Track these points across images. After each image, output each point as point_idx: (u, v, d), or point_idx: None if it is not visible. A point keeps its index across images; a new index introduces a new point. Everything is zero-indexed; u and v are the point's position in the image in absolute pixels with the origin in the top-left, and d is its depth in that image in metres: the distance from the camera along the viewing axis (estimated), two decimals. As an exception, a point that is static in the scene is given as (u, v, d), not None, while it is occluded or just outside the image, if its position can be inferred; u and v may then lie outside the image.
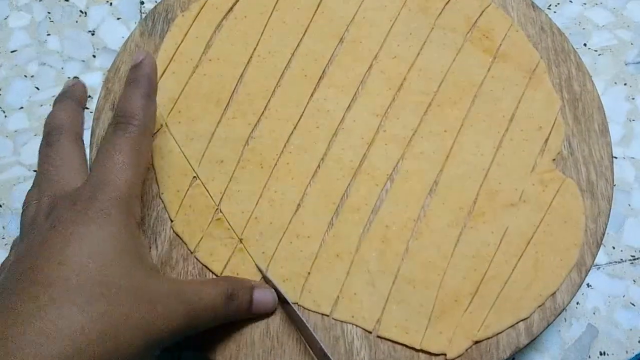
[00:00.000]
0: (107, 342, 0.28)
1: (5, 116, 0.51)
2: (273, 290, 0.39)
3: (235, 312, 0.37)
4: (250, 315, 0.39)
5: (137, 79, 0.38)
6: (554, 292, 0.41)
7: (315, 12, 0.47)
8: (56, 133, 0.36)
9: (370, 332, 0.40)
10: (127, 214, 0.33)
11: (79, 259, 0.30)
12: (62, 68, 0.53)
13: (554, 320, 0.40)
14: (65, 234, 0.31)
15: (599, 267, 0.48)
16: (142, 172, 0.36)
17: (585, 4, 0.56)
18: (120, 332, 0.29)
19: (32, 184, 0.36)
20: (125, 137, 0.35)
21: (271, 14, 0.47)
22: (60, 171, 0.35)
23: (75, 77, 0.40)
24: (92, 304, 0.29)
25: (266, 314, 0.39)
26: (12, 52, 0.53)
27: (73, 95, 0.39)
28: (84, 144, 0.38)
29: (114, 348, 0.28)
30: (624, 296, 0.47)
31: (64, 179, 0.35)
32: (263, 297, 0.38)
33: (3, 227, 0.48)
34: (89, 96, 0.52)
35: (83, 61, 0.53)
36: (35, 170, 0.49)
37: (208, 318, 0.35)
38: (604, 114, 0.46)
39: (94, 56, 0.53)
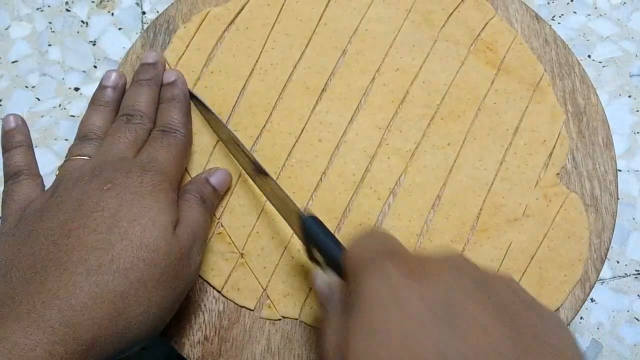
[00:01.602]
0: (142, 304, 0.32)
1: (6, 127, 0.51)
2: (223, 169, 0.42)
3: (212, 207, 0.41)
4: (219, 197, 0.42)
5: (176, 97, 0.42)
6: (558, 308, 0.40)
7: (318, 24, 0.47)
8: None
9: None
10: (172, 191, 0.37)
11: (127, 226, 0.33)
12: (63, 79, 0.53)
13: (558, 336, 0.40)
14: (119, 199, 0.34)
15: (603, 282, 0.48)
16: (182, 170, 0.40)
17: (589, 15, 0.56)
18: (153, 293, 0.33)
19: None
20: (170, 140, 0.39)
21: (273, 25, 0.47)
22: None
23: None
24: (133, 271, 0.32)
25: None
26: (13, 62, 0.53)
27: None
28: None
29: (146, 308, 0.32)
30: (628, 311, 0.47)
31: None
32: (219, 178, 0.41)
33: (3, 239, 0.47)
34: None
35: (84, 72, 0.53)
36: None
37: (208, 229, 0.39)
38: (609, 127, 0.45)
39: (95, 67, 0.53)
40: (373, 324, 0.26)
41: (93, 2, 0.55)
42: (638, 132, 0.52)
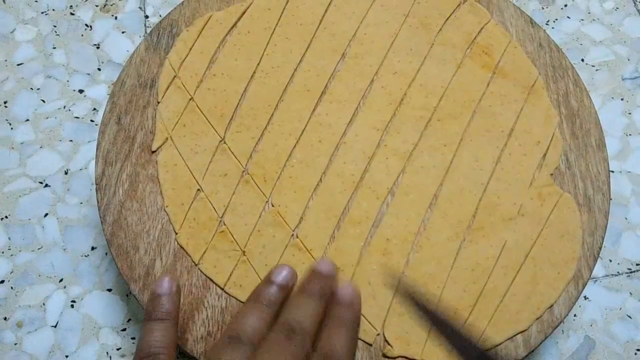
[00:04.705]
0: None
1: (12, 128, 0.52)
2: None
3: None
4: None
5: (347, 322, 0.37)
6: (552, 305, 0.41)
7: (318, 28, 0.48)
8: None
9: (371, 345, 0.41)
10: None
11: None
12: (68, 81, 0.54)
13: (551, 332, 0.41)
14: None
15: (596, 280, 0.49)
16: None
17: (582, 19, 0.57)
18: None
19: None
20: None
21: (274, 29, 0.48)
22: None
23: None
24: None
25: None
26: (18, 65, 0.54)
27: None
28: None
29: None
30: (620, 308, 0.48)
31: None
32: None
33: (9, 239, 0.48)
34: (94, 109, 0.53)
35: (88, 74, 0.54)
36: (40, 182, 0.50)
37: None
38: (601, 129, 0.46)
39: (99, 69, 0.54)
40: None
41: (97, 6, 0.57)
42: (630, 134, 0.53)
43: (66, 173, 0.51)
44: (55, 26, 0.56)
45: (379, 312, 0.41)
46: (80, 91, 0.53)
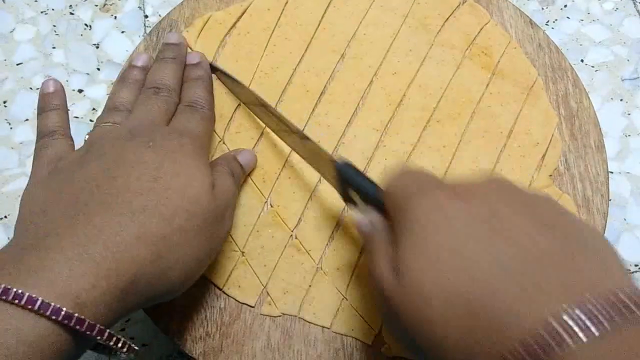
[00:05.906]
0: (181, 249, 0.33)
1: (11, 128, 0.52)
2: (248, 150, 0.44)
3: (239, 181, 0.42)
4: (245, 175, 0.44)
5: (200, 77, 0.44)
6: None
7: (317, 28, 0.48)
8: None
9: (370, 345, 0.41)
10: (206, 157, 0.39)
11: (170, 179, 0.34)
12: (67, 81, 0.54)
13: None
14: (161, 156, 0.35)
15: (595, 281, 0.49)
16: (211, 143, 0.43)
17: (582, 20, 0.57)
18: (192, 241, 0.34)
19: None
20: (198, 114, 0.41)
21: (274, 30, 0.48)
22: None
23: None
24: (175, 217, 0.33)
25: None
26: (17, 64, 0.54)
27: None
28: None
29: (185, 254, 0.34)
30: (619, 309, 0.48)
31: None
32: (245, 157, 0.43)
33: (8, 238, 0.48)
34: (94, 109, 0.53)
35: (88, 74, 0.54)
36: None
37: (236, 200, 0.41)
38: (600, 130, 0.46)
39: (99, 69, 0.54)
40: (424, 241, 0.28)
41: (96, 5, 0.56)
42: (629, 135, 0.53)
43: (65, 173, 0.51)
44: (54, 26, 0.56)
45: (377, 313, 0.41)
46: (80, 91, 0.53)
